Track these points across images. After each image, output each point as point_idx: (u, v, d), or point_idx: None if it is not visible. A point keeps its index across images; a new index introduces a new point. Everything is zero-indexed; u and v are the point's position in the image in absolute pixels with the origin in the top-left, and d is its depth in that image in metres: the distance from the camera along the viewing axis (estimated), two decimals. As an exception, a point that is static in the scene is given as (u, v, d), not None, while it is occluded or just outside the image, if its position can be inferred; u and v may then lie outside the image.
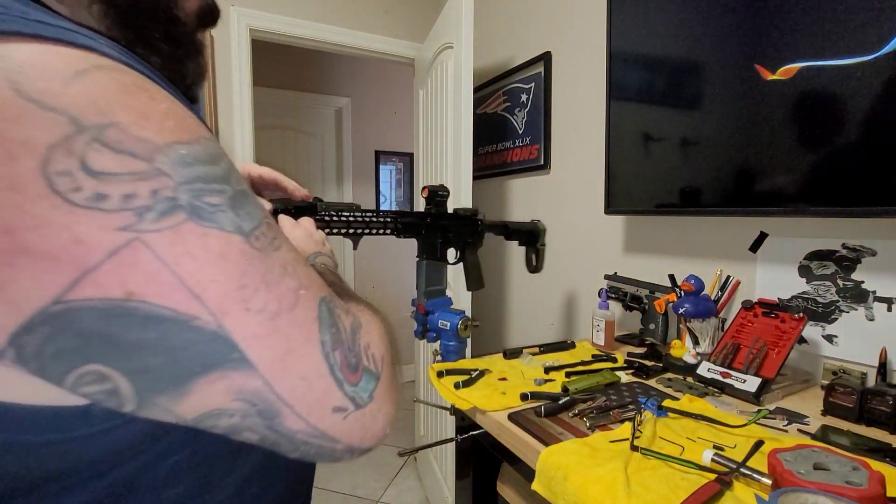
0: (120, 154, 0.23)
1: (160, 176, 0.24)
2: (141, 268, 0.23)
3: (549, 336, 1.79)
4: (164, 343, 0.24)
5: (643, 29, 1.23)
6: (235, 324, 0.25)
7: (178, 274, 0.24)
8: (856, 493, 0.49)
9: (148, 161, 0.24)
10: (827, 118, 0.87)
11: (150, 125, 0.24)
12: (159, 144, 0.24)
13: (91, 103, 0.23)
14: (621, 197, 1.33)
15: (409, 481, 2.27)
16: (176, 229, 0.24)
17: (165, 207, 0.24)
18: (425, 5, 2.39)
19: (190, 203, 0.25)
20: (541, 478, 0.67)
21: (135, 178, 0.23)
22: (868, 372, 0.90)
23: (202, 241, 0.25)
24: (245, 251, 0.27)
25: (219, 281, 0.25)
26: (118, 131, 0.23)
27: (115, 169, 0.23)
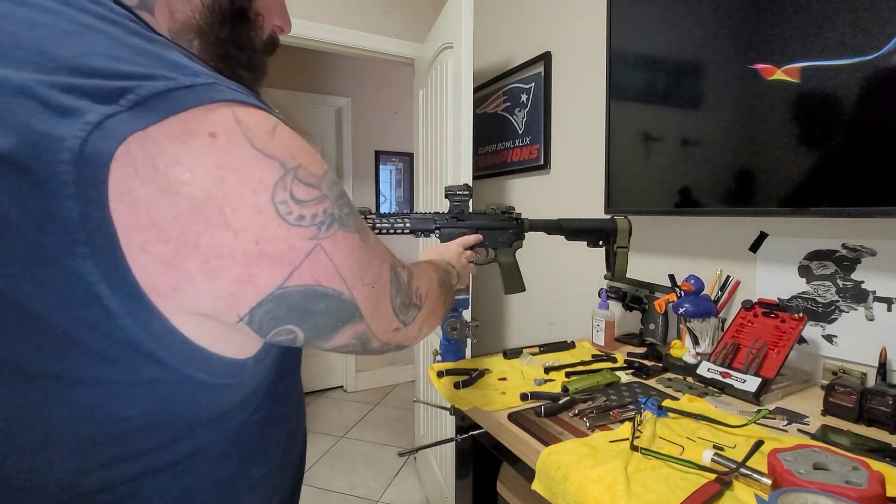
0: (308, 187, 0.33)
1: (325, 199, 0.34)
2: (321, 263, 0.34)
3: (549, 336, 1.79)
4: (328, 309, 0.36)
5: (643, 29, 1.23)
6: (358, 294, 0.38)
7: (335, 265, 0.35)
8: (856, 493, 0.49)
9: (319, 189, 0.34)
10: (827, 118, 0.87)
11: (314, 162, 0.34)
12: (321, 175, 0.35)
13: (286, 150, 0.32)
14: (621, 197, 1.33)
15: (409, 481, 2.27)
16: (334, 235, 0.35)
17: (329, 220, 0.34)
18: (425, 5, 2.39)
19: (338, 215, 0.35)
20: (541, 478, 0.67)
21: (315, 203, 0.33)
22: (868, 372, 0.90)
23: (344, 241, 0.36)
24: (360, 245, 0.38)
25: (352, 268, 0.37)
26: (303, 170, 0.33)
27: (306, 197, 0.33)
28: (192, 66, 0.31)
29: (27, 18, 0.29)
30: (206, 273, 0.30)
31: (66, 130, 0.26)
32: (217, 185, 0.29)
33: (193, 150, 0.28)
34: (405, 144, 3.49)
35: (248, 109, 0.31)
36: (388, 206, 3.63)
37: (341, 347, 0.40)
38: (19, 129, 0.25)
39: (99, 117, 0.26)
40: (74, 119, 0.26)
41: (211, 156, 0.29)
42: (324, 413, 3.03)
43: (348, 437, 2.70)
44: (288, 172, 0.32)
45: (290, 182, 0.32)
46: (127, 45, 0.30)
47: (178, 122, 0.28)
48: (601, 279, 1.46)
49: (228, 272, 0.30)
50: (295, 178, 0.32)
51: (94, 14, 0.30)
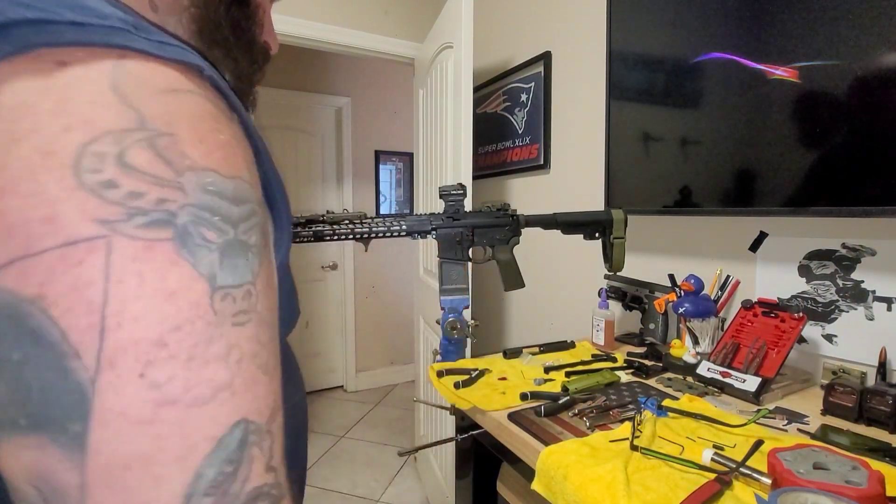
0: (158, 158, 0.22)
1: (176, 189, 0.22)
2: (78, 271, 0.20)
3: (549, 336, 1.79)
4: (18, 373, 0.19)
5: (643, 28, 1.22)
6: (112, 387, 0.19)
7: (108, 294, 0.20)
8: (855, 492, 0.49)
9: (176, 173, 0.23)
10: (826, 118, 0.87)
11: (201, 148, 0.24)
12: (196, 164, 0.23)
13: (163, 114, 0.23)
14: (621, 196, 1.33)
15: (409, 481, 2.27)
16: (151, 244, 0.21)
17: (160, 219, 0.22)
18: (425, 5, 2.39)
19: (184, 226, 0.22)
20: (541, 477, 0.67)
21: (153, 182, 0.22)
22: (868, 371, 0.91)
23: (165, 269, 0.21)
24: (199, 304, 0.22)
25: (142, 322, 0.20)
26: (170, 141, 0.23)
27: (144, 167, 0.22)
28: (126, 16, 0.25)
29: None
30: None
31: None
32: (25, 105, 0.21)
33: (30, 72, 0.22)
34: (405, 144, 3.49)
35: (155, 65, 0.24)
36: (389, 207, 3.63)
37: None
38: None
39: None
40: None
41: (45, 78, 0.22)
42: (324, 413, 3.03)
43: (348, 437, 2.70)
44: (142, 130, 0.23)
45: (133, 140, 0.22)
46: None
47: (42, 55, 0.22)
48: (601, 279, 1.46)
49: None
50: (145, 141, 0.22)
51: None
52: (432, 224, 0.95)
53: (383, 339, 3.50)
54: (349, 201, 3.37)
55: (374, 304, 3.46)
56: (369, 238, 0.89)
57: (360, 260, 3.36)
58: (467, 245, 0.99)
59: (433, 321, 1.85)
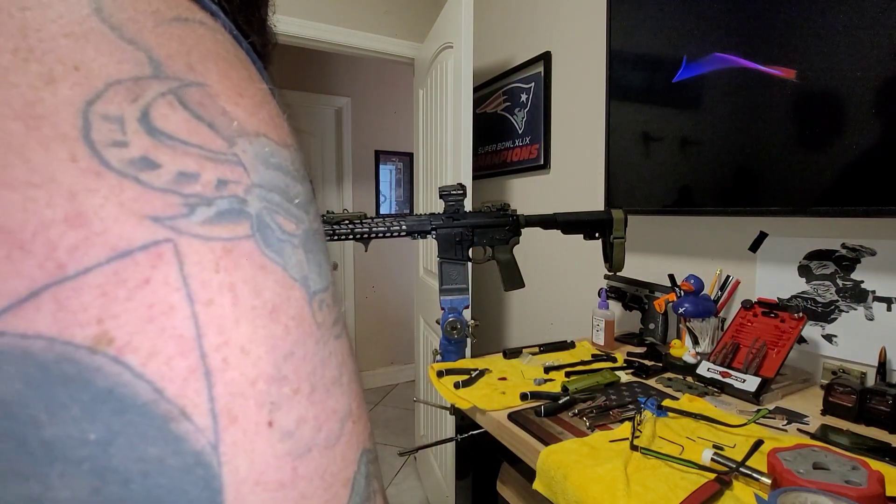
0: (197, 120, 0.16)
1: (235, 165, 0.16)
2: (148, 295, 0.13)
3: (549, 336, 1.79)
4: (102, 460, 0.12)
5: (643, 28, 1.23)
6: (240, 449, 0.14)
7: (199, 322, 0.14)
8: (855, 492, 0.49)
9: (227, 141, 0.16)
10: (827, 118, 0.87)
11: (244, 104, 0.17)
12: (245, 127, 0.17)
13: (183, 53, 0.16)
14: (621, 196, 1.33)
15: (409, 481, 2.27)
16: (229, 245, 0.15)
17: (230, 208, 0.16)
18: (425, 5, 2.39)
19: (259, 215, 0.16)
20: (541, 477, 0.67)
21: (203, 156, 0.15)
22: (867, 371, 0.91)
23: (256, 277, 0.16)
24: (303, 318, 0.17)
25: (253, 354, 0.15)
26: (204, 94, 0.16)
27: (181, 134, 0.15)
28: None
29: None
30: None
31: None
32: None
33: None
34: (405, 144, 3.49)
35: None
36: (389, 207, 3.63)
37: None
38: None
39: None
40: None
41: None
42: (324, 413, 3.03)
43: (348, 437, 2.70)
44: (160, 79, 0.16)
45: (153, 93, 0.15)
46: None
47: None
48: (601, 279, 1.46)
49: None
50: (171, 94, 0.16)
51: None
52: (432, 224, 0.95)
53: (383, 339, 3.50)
54: (349, 201, 3.37)
55: (374, 304, 3.46)
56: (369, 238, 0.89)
57: (360, 260, 3.36)
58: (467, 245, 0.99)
59: (433, 321, 1.85)
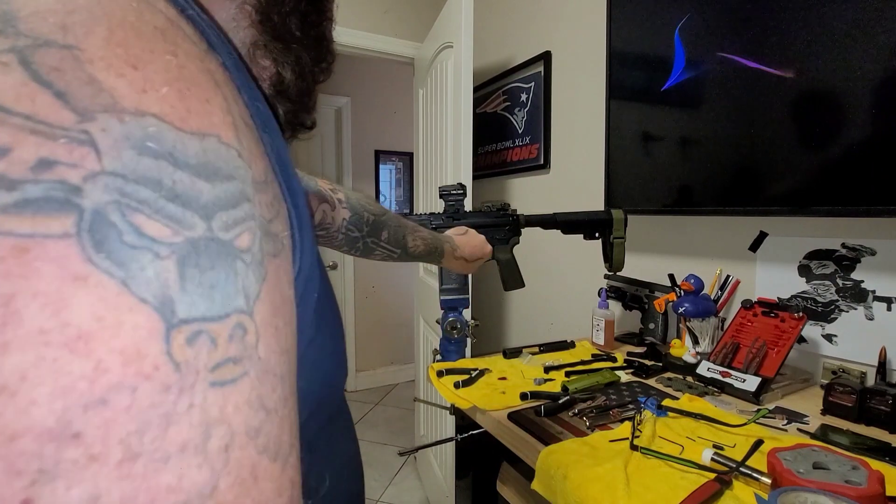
0: (37, 83, 0.12)
1: (80, 145, 0.12)
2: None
3: (549, 336, 1.79)
4: None
5: (643, 28, 1.22)
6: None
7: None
8: (855, 492, 0.49)
9: (79, 114, 0.13)
10: (827, 117, 0.87)
11: (133, 76, 0.14)
12: (120, 102, 0.13)
13: (58, 13, 0.13)
14: (621, 196, 1.33)
15: (409, 481, 2.27)
16: (24, 244, 0.11)
17: (45, 195, 0.12)
18: (425, 5, 2.39)
19: (99, 211, 0.12)
20: (540, 477, 0.67)
21: (26, 128, 0.12)
22: (867, 371, 0.91)
23: (61, 290, 0.12)
24: (144, 355, 0.13)
25: (21, 399, 0.11)
26: (66, 57, 0.13)
27: (5, 100, 0.12)
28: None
29: None
30: None
31: None
32: None
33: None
34: (405, 144, 3.49)
35: None
36: (388, 206, 3.63)
37: None
38: None
39: None
40: None
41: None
42: (324, 413, 3.03)
43: (348, 437, 2.70)
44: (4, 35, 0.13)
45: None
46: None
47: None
48: (601, 278, 1.46)
49: None
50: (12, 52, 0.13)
51: None
52: (432, 224, 0.95)
53: (383, 339, 3.50)
54: (349, 201, 3.37)
55: (374, 304, 3.46)
56: None
57: (360, 260, 3.35)
58: None
59: (433, 321, 1.85)
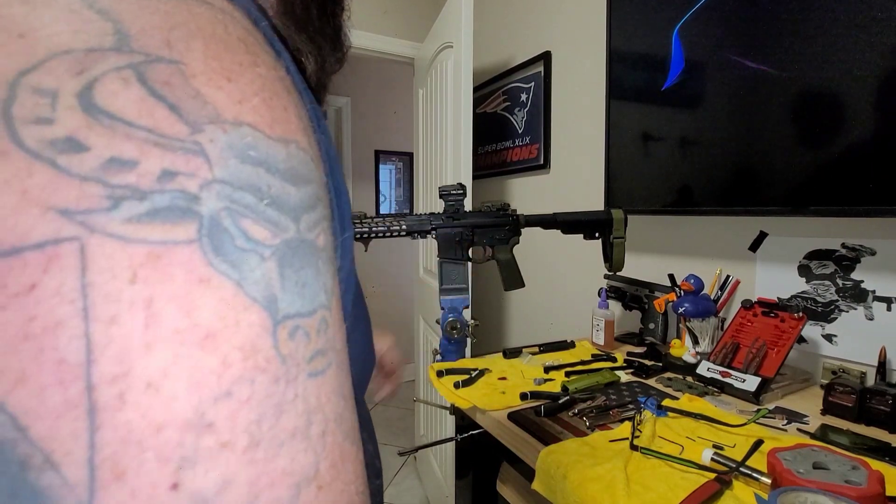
0: (154, 98, 0.13)
1: (195, 156, 0.14)
2: (31, 304, 0.11)
3: (549, 336, 1.79)
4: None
5: (643, 28, 1.22)
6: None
7: (92, 345, 0.12)
8: (855, 492, 0.49)
9: (191, 126, 0.14)
10: (827, 117, 0.87)
11: (230, 88, 0.15)
12: (223, 114, 0.14)
13: (164, 29, 0.14)
14: (621, 196, 1.33)
15: (409, 481, 2.27)
16: (158, 251, 0.12)
17: (170, 205, 0.13)
18: (425, 5, 2.39)
19: (215, 217, 0.14)
20: (540, 476, 0.67)
21: (150, 141, 0.13)
22: (867, 371, 0.91)
23: (191, 293, 0.13)
24: (256, 348, 0.14)
25: (164, 392, 0.12)
26: (174, 73, 0.14)
27: (128, 114, 0.13)
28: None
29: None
30: None
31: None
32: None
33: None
34: (405, 144, 3.49)
35: None
36: (388, 206, 3.63)
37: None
38: None
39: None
40: None
41: None
42: (324, 413, 3.03)
43: (348, 437, 2.70)
44: (121, 52, 0.14)
45: (106, 67, 0.14)
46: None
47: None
48: (601, 278, 1.46)
49: None
50: (130, 69, 0.14)
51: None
52: (432, 224, 0.95)
53: (383, 338, 3.50)
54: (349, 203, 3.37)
55: (374, 304, 3.44)
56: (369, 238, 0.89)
57: (360, 260, 3.34)
58: (467, 245, 0.99)
59: (433, 321, 1.85)
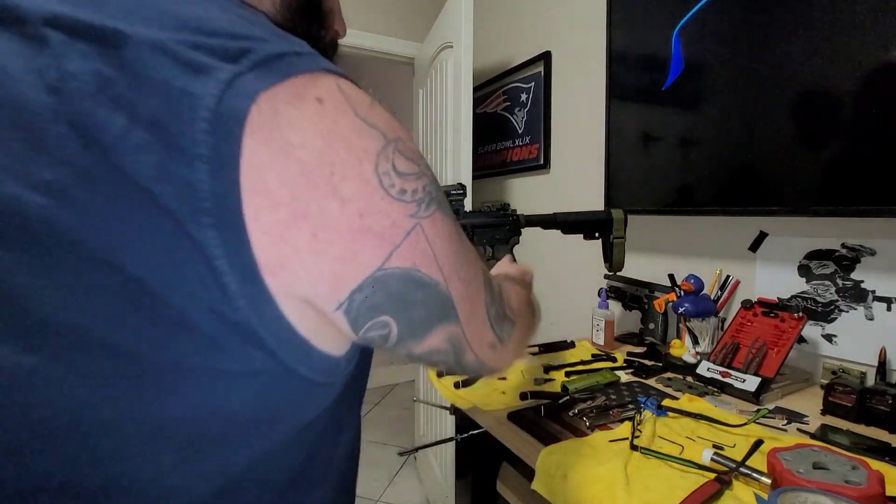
0: (408, 160, 0.31)
1: (424, 176, 0.32)
2: (420, 246, 0.31)
3: (549, 336, 1.79)
4: (425, 301, 0.33)
5: (643, 28, 1.22)
6: (454, 289, 0.34)
7: (433, 250, 0.32)
8: (855, 492, 0.49)
9: (418, 165, 0.32)
10: (827, 117, 0.87)
11: (411, 139, 0.33)
12: (418, 152, 0.33)
13: (387, 122, 0.31)
14: (621, 196, 1.33)
15: (408, 481, 2.27)
16: (433, 216, 0.32)
17: (429, 199, 0.32)
18: (425, 5, 2.39)
19: (436, 195, 0.33)
20: (540, 477, 0.67)
21: (415, 178, 0.31)
22: (867, 371, 0.91)
23: (442, 225, 0.33)
24: (456, 232, 0.35)
25: (448, 258, 0.34)
26: (403, 143, 0.31)
27: (407, 171, 0.31)
28: (296, 38, 0.31)
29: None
30: (313, 248, 0.28)
31: (201, 88, 0.25)
32: (325, 151, 0.28)
33: (304, 114, 0.27)
34: (405, 144, 3.49)
35: (348, 82, 0.31)
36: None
37: (434, 352, 0.36)
38: (160, 87, 0.25)
39: (230, 75, 0.26)
40: (207, 76, 0.25)
41: (320, 120, 0.28)
42: (324, 413, 3.03)
43: (348, 437, 2.70)
44: (389, 143, 0.30)
45: (391, 153, 0.30)
46: (238, 14, 0.30)
47: (291, 86, 0.27)
48: (601, 278, 1.46)
49: (334, 248, 0.28)
50: (396, 150, 0.30)
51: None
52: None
53: (383, 338, 3.50)
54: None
55: (373, 304, 3.45)
56: None
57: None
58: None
59: (433, 321, 1.85)
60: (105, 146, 0.25)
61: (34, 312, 0.26)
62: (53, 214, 0.25)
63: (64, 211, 0.25)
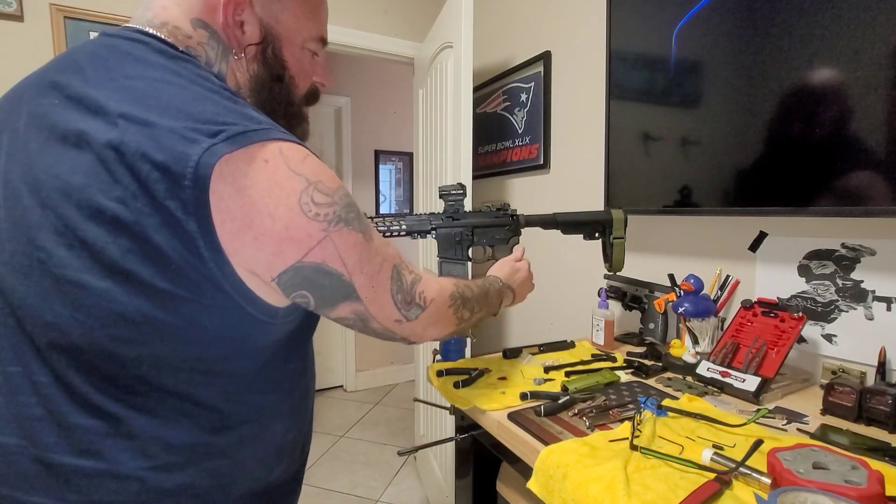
0: (325, 195, 0.48)
1: (335, 204, 0.49)
2: (328, 249, 0.48)
3: (549, 336, 1.79)
4: (331, 285, 0.50)
5: (643, 28, 1.22)
6: (356, 279, 0.51)
7: (339, 253, 0.49)
8: (855, 492, 0.49)
9: (331, 197, 0.49)
10: (827, 117, 0.87)
11: (330, 181, 0.49)
12: (334, 188, 0.49)
13: (312, 171, 0.48)
14: (621, 196, 1.33)
15: (408, 481, 2.27)
16: (339, 230, 0.49)
17: (336, 219, 0.48)
18: (425, 4, 2.39)
19: (344, 216, 0.49)
20: (538, 476, 0.67)
21: (327, 205, 0.48)
22: (867, 371, 0.91)
23: (348, 236, 0.49)
24: (362, 242, 0.51)
25: (352, 258, 0.50)
26: (322, 184, 0.48)
27: (322, 201, 0.48)
28: (258, 118, 0.48)
29: (157, 85, 0.48)
30: (255, 246, 0.45)
31: (192, 151, 0.43)
32: (267, 190, 0.45)
33: (254, 168, 0.45)
34: (405, 144, 3.49)
35: (289, 144, 0.48)
36: (388, 206, 3.63)
37: (343, 319, 0.54)
38: (169, 149, 0.43)
39: (209, 144, 0.43)
40: (196, 145, 0.43)
41: (263, 172, 0.45)
42: (324, 412, 3.03)
43: (348, 437, 2.70)
44: (310, 185, 0.47)
45: (311, 191, 0.47)
46: (225, 107, 0.47)
47: (247, 151, 0.45)
48: (601, 278, 1.46)
49: (268, 247, 0.46)
50: (315, 189, 0.47)
51: (201, 85, 0.49)
52: (432, 224, 0.94)
53: (383, 338, 3.50)
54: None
55: (373, 304, 3.45)
56: None
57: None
58: (467, 245, 0.99)
59: (433, 321, 1.85)
60: (141, 180, 0.43)
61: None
62: (124, 214, 0.44)
63: (126, 212, 0.44)
